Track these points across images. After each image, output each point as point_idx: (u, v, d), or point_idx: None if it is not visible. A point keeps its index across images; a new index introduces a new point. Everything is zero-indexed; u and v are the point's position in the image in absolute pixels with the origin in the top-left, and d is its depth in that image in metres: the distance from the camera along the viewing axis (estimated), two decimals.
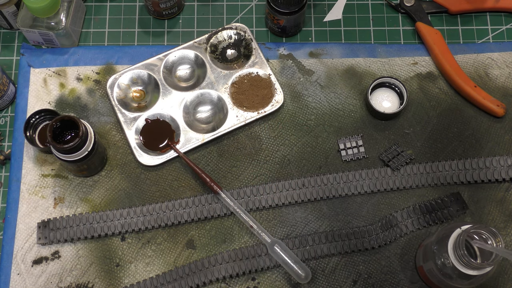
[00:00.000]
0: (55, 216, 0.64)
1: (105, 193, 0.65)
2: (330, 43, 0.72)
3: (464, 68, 0.71)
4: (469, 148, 0.67)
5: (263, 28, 0.74)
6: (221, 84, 0.69)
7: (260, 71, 0.69)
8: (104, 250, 0.63)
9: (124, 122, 0.67)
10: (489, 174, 0.65)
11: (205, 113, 0.69)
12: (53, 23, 0.68)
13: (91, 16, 0.75)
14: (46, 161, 0.66)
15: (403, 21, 0.75)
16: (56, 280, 0.62)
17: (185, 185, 0.66)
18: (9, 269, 0.62)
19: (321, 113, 0.69)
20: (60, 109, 0.69)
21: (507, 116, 0.69)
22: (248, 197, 0.64)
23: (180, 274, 0.61)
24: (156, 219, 0.63)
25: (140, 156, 0.66)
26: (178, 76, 0.71)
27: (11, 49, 0.73)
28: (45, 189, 0.65)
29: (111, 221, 0.63)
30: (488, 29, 0.74)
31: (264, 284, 0.62)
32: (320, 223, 0.64)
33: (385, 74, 0.71)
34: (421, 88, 0.70)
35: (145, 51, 0.71)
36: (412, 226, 0.63)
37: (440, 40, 0.71)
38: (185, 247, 0.63)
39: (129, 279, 0.62)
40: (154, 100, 0.69)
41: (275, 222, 0.64)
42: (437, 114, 0.69)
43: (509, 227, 0.64)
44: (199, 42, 0.71)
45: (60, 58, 0.71)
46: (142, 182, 0.66)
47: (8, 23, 0.72)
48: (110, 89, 0.68)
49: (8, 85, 0.68)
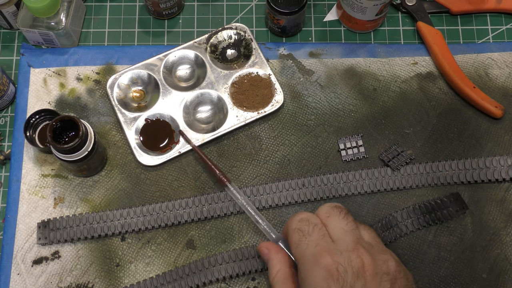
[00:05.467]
0: (55, 216, 0.64)
1: (105, 193, 0.65)
2: (330, 43, 0.72)
3: (464, 68, 0.71)
4: (469, 148, 0.67)
5: (263, 28, 0.74)
6: (221, 84, 0.69)
7: (260, 71, 0.69)
8: (104, 250, 0.63)
9: (124, 122, 0.67)
10: (489, 174, 0.65)
11: (205, 113, 0.69)
12: (53, 23, 0.68)
13: (91, 16, 0.75)
14: (46, 161, 0.66)
15: (403, 21, 0.75)
16: (56, 280, 0.62)
17: (185, 185, 0.66)
18: (9, 269, 0.62)
19: (321, 113, 0.69)
20: (60, 109, 0.69)
21: (507, 116, 0.69)
22: (248, 197, 0.64)
23: (180, 274, 0.61)
24: (156, 219, 0.63)
25: (140, 156, 0.66)
26: (178, 76, 0.71)
27: (11, 49, 0.73)
28: (45, 189, 0.65)
29: (111, 221, 0.63)
30: (488, 29, 0.74)
31: (264, 284, 0.62)
32: None
33: (385, 74, 0.71)
34: (421, 88, 0.70)
35: (145, 51, 0.71)
36: (412, 226, 0.63)
37: (440, 40, 0.71)
38: (185, 247, 0.63)
39: (129, 279, 0.62)
40: (154, 100, 0.69)
41: (275, 222, 0.64)
42: (437, 114, 0.69)
43: (509, 227, 0.64)
44: (199, 42, 0.71)
45: (60, 58, 0.71)
46: (142, 182, 0.66)
47: (8, 23, 0.72)
48: (110, 89, 0.68)
49: (8, 85, 0.68)
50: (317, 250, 0.49)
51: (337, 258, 0.48)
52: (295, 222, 0.52)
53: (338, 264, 0.48)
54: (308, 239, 0.50)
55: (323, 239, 0.50)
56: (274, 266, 0.54)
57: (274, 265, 0.54)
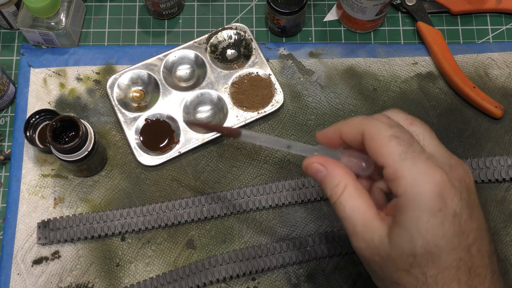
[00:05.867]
0: (55, 216, 0.64)
1: (105, 193, 0.65)
2: (330, 43, 0.72)
3: (464, 68, 0.71)
4: (469, 148, 0.67)
5: (263, 28, 0.74)
6: (221, 84, 0.69)
7: (260, 71, 0.69)
8: (104, 250, 0.63)
9: (124, 122, 0.67)
10: (489, 174, 0.65)
11: (205, 113, 0.69)
12: (53, 23, 0.68)
13: (91, 16, 0.75)
14: (46, 161, 0.66)
15: (403, 21, 0.75)
16: (56, 280, 0.62)
17: (185, 185, 0.66)
18: (9, 269, 0.62)
19: (321, 113, 0.69)
20: (60, 109, 0.69)
21: (507, 116, 0.69)
22: (248, 197, 0.64)
23: (180, 274, 0.61)
24: (156, 219, 0.63)
25: (140, 156, 0.66)
26: (178, 76, 0.71)
27: (11, 49, 0.73)
28: (45, 189, 0.65)
29: (111, 221, 0.63)
30: (488, 29, 0.74)
31: (264, 284, 0.62)
32: (320, 223, 0.64)
33: (385, 74, 0.71)
34: (421, 88, 0.70)
35: (145, 51, 0.71)
36: None
37: (440, 40, 0.71)
38: (185, 247, 0.63)
39: (129, 279, 0.62)
40: (154, 100, 0.69)
41: (275, 222, 0.64)
42: (437, 114, 0.69)
43: (509, 227, 0.64)
44: (199, 42, 0.71)
45: (60, 58, 0.71)
46: (142, 182, 0.66)
47: (8, 23, 0.72)
48: (110, 89, 0.68)
49: (8, 85, 0.68)
50: (428, 164, 0.41)
51: (449, 173, 0.42)
52: (385, 128, 0.43)
53: (452, 179, 0.42)
54: (413, 151, 0.42)
55: (426, 152, 0.43)
56: (339, 182, 0.44)
57: (338, 181, 0.44)
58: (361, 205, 0.44)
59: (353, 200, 0.44)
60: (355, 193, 0.44)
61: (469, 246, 0.41)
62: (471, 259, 0.42)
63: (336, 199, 0.44)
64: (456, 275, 0.41)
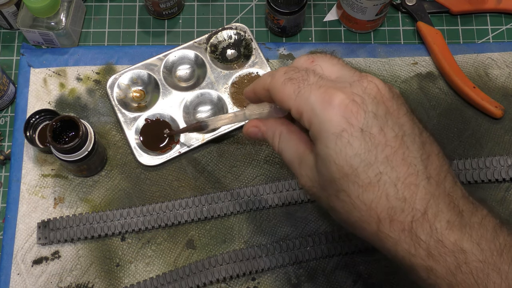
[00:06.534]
0: (55, 216, 0.64)
1: (105, 193, 0.65)
2: (330, 43, 0.72)
3: (464, 68, 0.71)
4: (469, 148, 0.67)
5: (263, 28, 0.74)
6: (221, 84, 0.69)
7: (260, 71, 0.69)
8: (104, 250, 0.63)
9: (124, 122, 0.67)
10: (489, 174, 0.65)
11: (205, 113, 0.69)
12: (53, 23, 0.68)
13: (91, 16, 0.75)
14: (46, 161, 0.66)
15: (403, 21, 0.75)
16: (56, 280, 0.62)
17: (185, 185, 0.66)
18: (9, 269, 0.62)
19: None
20: (60, 109, 0.69)
21: (507, 116, 0.69)
22: (248, 197, 0.64)
23: (180, 274, 0.61)
24: (156, 219, 0.63)
25: (140, 156, 0.66)
26: (178, 76, 0.71)
27: (11, 49, 0.73)
28: (45, 189, 0.65)
29: (111, 221, 0.63)
30: (488, 29, 0.74)
31: (264, 284, 0.62)
32: (320, 223, 0.64)
33: (385, 74, 0.71)
34: (421, 88, 0.70)
35: (145, 51, 0.71)
36: None
37: (440, 40, 0.71)
38: (185, 247, 0.63)
39: (129, 279, 0.62)
40: (154, 100, 0.69)
41: (275, 222, 0.64)
42: (437, 114, 0.69)
43: None
44: (199, 42, 0.71)
45: (60, 58, 0.71)
46: (142, 182, 0.66)
47: (8, 23, 0.72)
48: (110, 89, 0.68)
49: (8, 85, 0.68)
50: (323, 90, 0.41)
51: (348, 90, 0.41)
52: (280, 74, 0.44)
53: (353, 95, 0.40)
54: (307, 84, 0.42)
55: (322, 79, 0.42)
56: (273, 133, 0.46)
57: (272, 132, 0.47)
58: (294, 144, 0.45)
59: (288, 142, 0.46)
60: (288, 136, 0.46)
61: (388, 157, 0.40)
62: (395, 169, 0.40)
63: (277, 149, 0.46)
64: (381, 190, 0.40)
